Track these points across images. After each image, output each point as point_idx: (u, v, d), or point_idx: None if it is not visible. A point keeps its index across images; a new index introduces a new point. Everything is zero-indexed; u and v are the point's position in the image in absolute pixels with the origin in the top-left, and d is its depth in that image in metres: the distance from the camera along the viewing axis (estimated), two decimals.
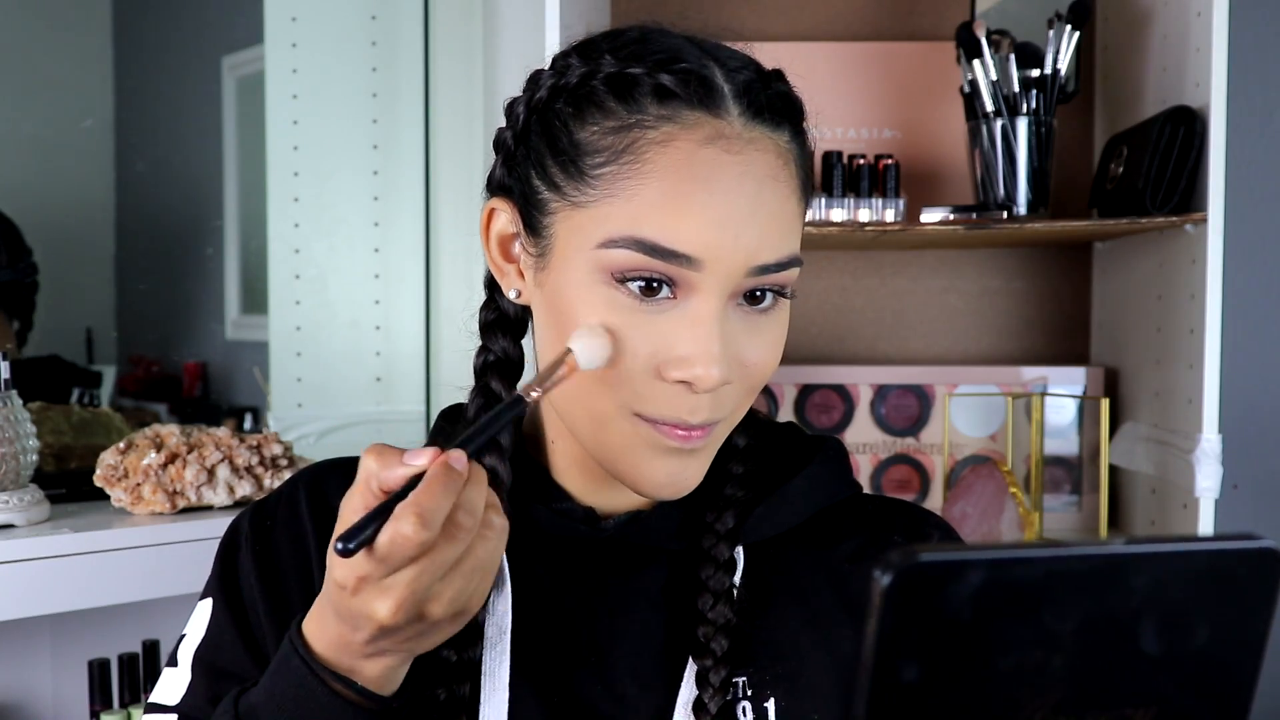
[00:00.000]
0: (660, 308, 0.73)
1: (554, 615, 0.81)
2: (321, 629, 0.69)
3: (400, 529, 0.62)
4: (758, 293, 0.75)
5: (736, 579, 0.82)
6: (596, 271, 0.73)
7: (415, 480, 0.63)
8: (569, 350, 0.72)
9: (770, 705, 0.80)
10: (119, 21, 1.79)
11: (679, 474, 0.76)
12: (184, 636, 0.84)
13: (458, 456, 0.64)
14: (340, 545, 0.62)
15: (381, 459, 0.64)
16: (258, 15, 1.75)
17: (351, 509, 0.64)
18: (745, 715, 0.79)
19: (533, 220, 0.78)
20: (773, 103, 0.76)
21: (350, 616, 0.66)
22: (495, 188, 0.81)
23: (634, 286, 0.73)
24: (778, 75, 0.79)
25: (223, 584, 0.84)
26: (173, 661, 0.84)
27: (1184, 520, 1.51)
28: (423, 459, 0.64)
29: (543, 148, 0.77)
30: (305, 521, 0.84)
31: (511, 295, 0.81)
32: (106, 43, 1.78)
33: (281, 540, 0.84)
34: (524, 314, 0.84)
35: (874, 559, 0.86)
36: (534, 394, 0.70)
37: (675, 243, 0.71)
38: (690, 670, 0.79)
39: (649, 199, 0.72)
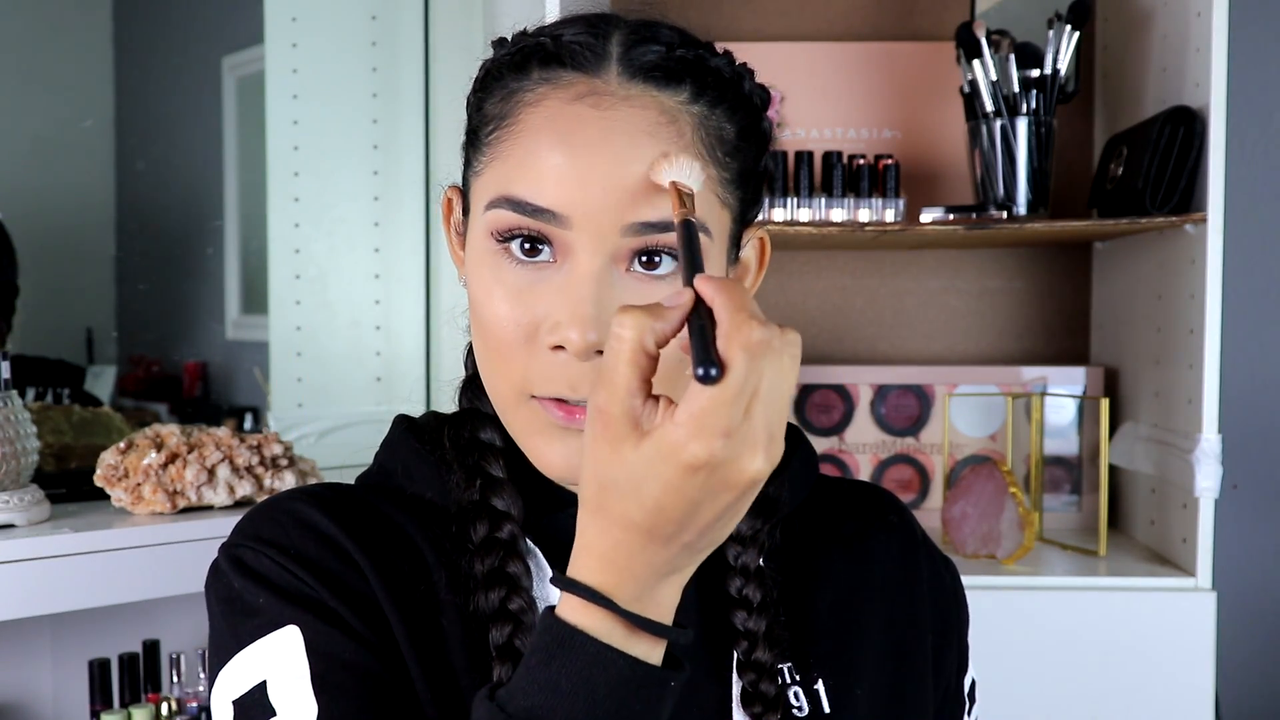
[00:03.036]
0: (543, 273, 0.73)
1: None
2: (611, 572, 0.62)
3: (750, 335, 0.57)
4: (655, 258, 0.72)
5: (761, 561, 0.81)
6: (486, 237, 0.74)
7: (689, 322, 0.58)
8: (673, 183, 0.69)
9: (820, 686, 0.80)
10: (119, 21, 1.79)
11: (577, 456, 0.72)
12: (263, 684, 0.73)
13: (704, 275, 0.61)
14: (703, 371, 0.56)
15: (647, 311, 0.59)
16: (258, 15, 1.75)
17: (624, 386, 0.58)
18: (799, 700, 0.79)
19: (465, 202, 0.80)
20: (664, 63, 0.74)
21: (696, 506, 0.59)
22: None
23: (515, 247, 0.73)
24: (696, 43, 0.77)
25: (297, 604, 0.74)
26: (262, 715, 0.73)
27: (1184, 520, 1.52)
28: (686, 293, 0.60)
29: (467, 131, 0.79)
30: (341, 539, 0.77)
31: (461, 283, 0.81)
32: (106, 43, 1.78)
33: (325, 559, 0.77)
34: None
35: (883, 538, 0.89)
36: (694, 217, 0.67)
37: (540, 198, 0.71)
38: (737, 683, 0.79)
39: (517, 157, 0.73)
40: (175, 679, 1.43)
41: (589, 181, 0.71)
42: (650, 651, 0.63)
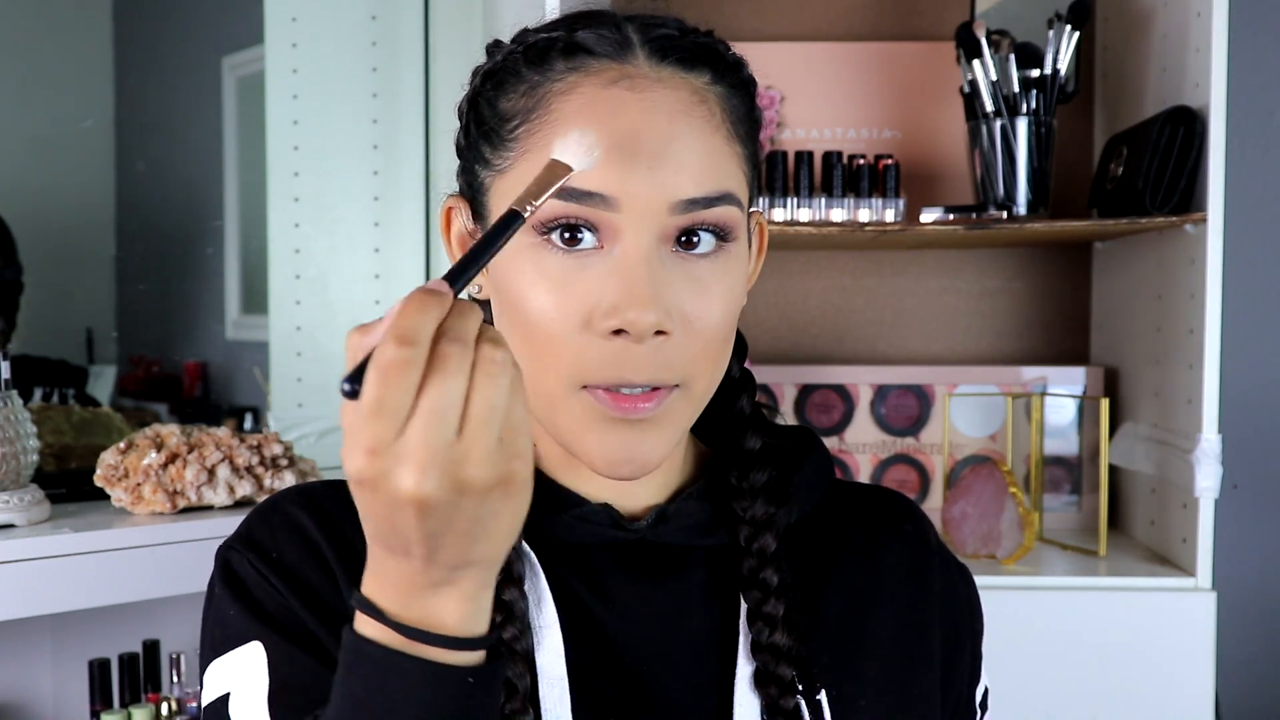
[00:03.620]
0: (588, 260, 0.72)
1: (600, 631, 0.79)
2: (379, 584, 0.62)
3: (382, 354, 0.56)
4: (694, 236, 0.73)
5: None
6: (522, 233, 0.73)
7: None
8: (553, 160, 0.68)
9: (822, 696, 0.80)
10: (119, 21, 1.79)
11: (635, 448, 0.73)
12: (226, 696, 0.75)
13: (436, 282, 0.59)
14: (347, 386, 0.56)
15: (362, 328, 0.59)
16: (258, 15, 1.75)
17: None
18: (801, 710, 0.79)
19: (478, 207, 0.79)
20: (685, 46, 0.75)
21: (390, 524, 0.58)
22: (457, 189, 0.83)
23: (556, 237, 0.72)
24: (701, 32, 0.78)
25: (264, 621, 0.75)
26: None
27: (1184, 520, 1.52)
28: (397, 305, 0.59)
29: (476, 133, 0.79)
30: (322, 547, 0.78)
31: (474, 292, 0.80)
32: (106, 43, 1.78)
33: (304, 567, 0.78)
34: None
35: (895, 546, 0.88)
36: (530, 206, 0.66)
37: (586, 182, 0.71)
38: (742, 670, 0.79)
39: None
40: (175, 679, 1.43)
41: (635, 162, 0.71)
42: (445, 655, 0.62)
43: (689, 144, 0.72)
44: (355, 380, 0.56)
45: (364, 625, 0.62)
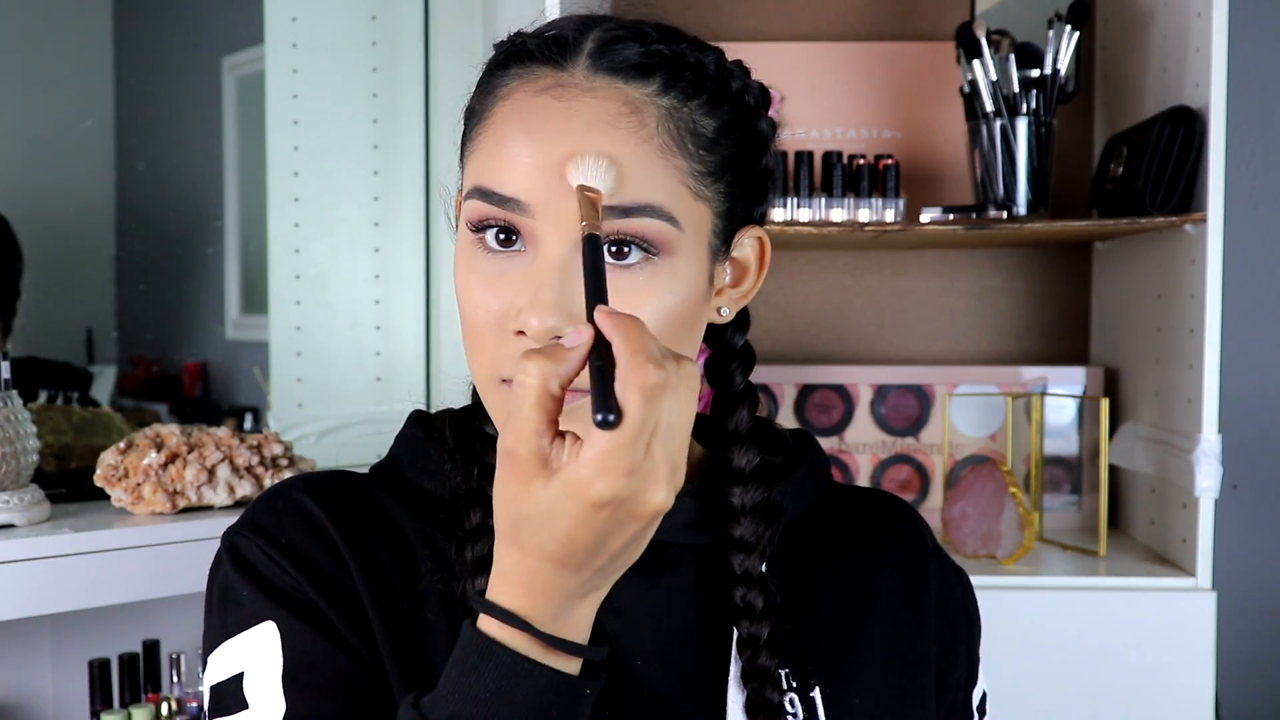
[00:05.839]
0: (513, 262, 0.74)
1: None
2: (516, 589, 0.64)
3: (645, 377, 0.58)
4: (625, 247, 0.73)
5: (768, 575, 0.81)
6: (465, 228, 0.76)
7: (593, 359, 0.60)
8: (579, 187, 0.70)
9: (816, 694, 0.80)
10: (119, 21, 1.79)
11: None
12: (240, 675, 0.76)
13: (605, 308, 0.62)
14: (601, 417, 0.58)
15: (549, 356, 0.61)
16: (258, 15, 1.75)
17: (531, 429, 0.60)
18: (794, 706, 0.80)
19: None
20: (635, 57, 0.74)
21: (603, 539, 0.61)
22: None
23: (490, 237, 0.74)
24: (679, 39, 0.77)
25: (276, 601, 0.77)
26: (235, 706, 0.75)
27: (1184, 520, 1.52)
28: (585, 332, 0.61)
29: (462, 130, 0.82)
30: (330, 531, 0.79)
31: None
32: (106, 43, 1.78)
33: (312, 550, 0.79)
34: None
35: (891, 547, 0.88)
36: (596, 229, 0.67)
37: (503, 186, 0.73)
38: (735, 670, 0.79)
39: (488, 149, 0.75)
40: (175, 679, 1.43)
41: (549, 170, 0.72)
42: (568, 663, 0.65)
43: (609, 156, 0.72)
44: (612, 409, 0.59)
45: (490, 625, 0.65)
